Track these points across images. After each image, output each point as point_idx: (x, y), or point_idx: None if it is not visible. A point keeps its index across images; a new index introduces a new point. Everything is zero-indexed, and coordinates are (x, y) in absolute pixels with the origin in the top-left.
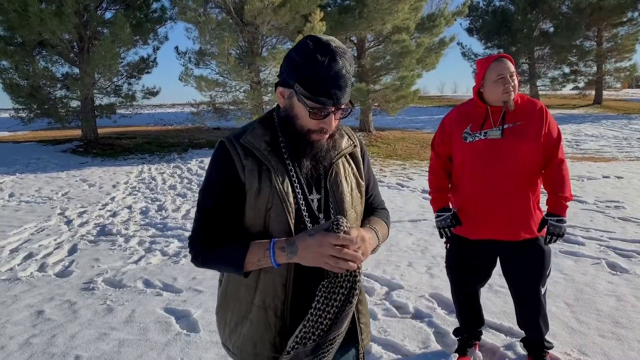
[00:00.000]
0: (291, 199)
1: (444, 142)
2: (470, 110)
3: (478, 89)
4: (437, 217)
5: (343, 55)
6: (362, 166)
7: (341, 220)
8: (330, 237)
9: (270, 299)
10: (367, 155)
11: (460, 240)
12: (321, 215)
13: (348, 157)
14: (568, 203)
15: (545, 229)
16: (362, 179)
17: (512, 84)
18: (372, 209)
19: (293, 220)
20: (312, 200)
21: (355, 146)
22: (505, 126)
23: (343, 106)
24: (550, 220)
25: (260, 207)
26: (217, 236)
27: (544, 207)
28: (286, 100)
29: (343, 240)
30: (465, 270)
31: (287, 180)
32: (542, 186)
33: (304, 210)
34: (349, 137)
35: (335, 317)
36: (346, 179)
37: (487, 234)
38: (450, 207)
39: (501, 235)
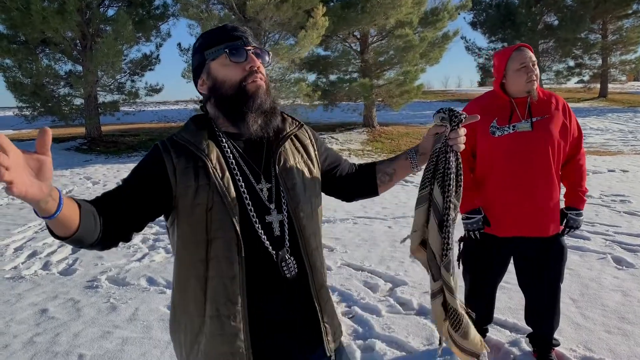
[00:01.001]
0: (233, 194)
1: (467, 137)
2: (491, 104)
3: (500, 81)
4: (465, 219)
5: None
6: (312, 152)
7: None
8: None
9: (223, 306)
10: (319, 138)
11: (483, 238)
12: (272, 206)
13: (297, 143)
14: (585, 197)
15: (562, 223)
16: (313, 166)
17: (535, 72)
18: (358, 167)
19: (238, 220)
20: (262, 190)
21: (300, 126)
22: (534, 119)
23: (255, 45)
24: (570, 214)
25: (200, 209)
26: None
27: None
28: (207, 81)
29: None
30: (486, 268)
31: (227, 174)
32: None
33: (248, 204)
34: (293, 120)
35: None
36: (297, 165)
37: (516, 230)
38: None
39: (531, 232)
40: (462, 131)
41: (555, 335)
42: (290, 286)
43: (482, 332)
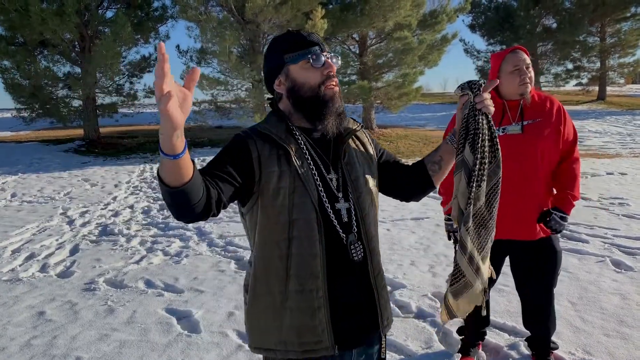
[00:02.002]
0: (311, 180)
1: None
2: None
3: None
4: (447, 220)
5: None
6: (370, 149)
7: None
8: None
9: (307, 281)
10: (375, 139)
11: None
12: (340, 194)
13: (357, 141)
14: (575, 202)
15: (542, 221)
16: (372, 163)
17: (529, 75)
18: (408, 166)
19: (317, 200)
20: (331, 180)
21: (362, 127)
22: (525, 122)
23: (330, 52)
24: (555, 214)
25: (283, 192)
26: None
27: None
28: (286, 81)
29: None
30: None
31: (305, 162)
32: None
33: (321, 191)
34: (354, 121)
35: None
36: (358, 161)
37: (504, 234)
38: None
39: (518, 235)
40: (487, 94)
41: (554, 339)
42: (355, 269)
43: (481, 335)
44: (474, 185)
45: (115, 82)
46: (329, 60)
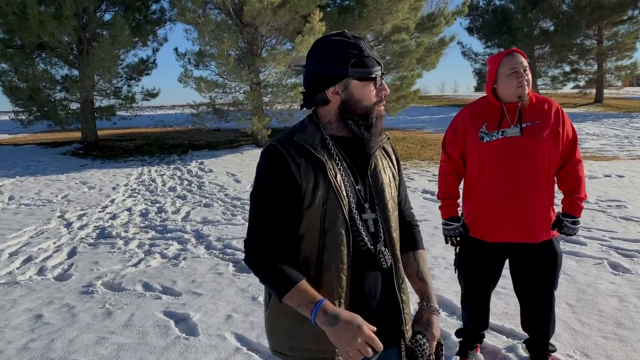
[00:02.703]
0: (343, 192)
1: (457, 143)
2: (483, 109)
3: (492, 86)
4: (445, 225)
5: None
6: (394, 161)
7: (422, 341)
8: (366, 333)
9: (331, 291)
10: (397, 152)
11: (473, 243)
12: (367, 205)
13: (383, 152)
14: (583, 204)
15: (555, 229)
16: (397, 173)
17: (526, 77)
18: (407, 223)
19: (347, 210)
20: (360, 190)
21: (388, 139)
22: (524, 124)
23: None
24: (566, 221)
25: (317, 203)
26: (275, 248)
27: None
28: (342, 93)
29: (370, 338)
30: (479, 272)
31: (339, 175)
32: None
33: (352, 201)
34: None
35: None
36: (384, 170)
37: (505, 236)
38: (460, 214)
39: (519, 238)
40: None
41: (552, 341)
42: (381, 277)
43: (479, 337)
44: None
45: (113, 84)
46: (384, 83)
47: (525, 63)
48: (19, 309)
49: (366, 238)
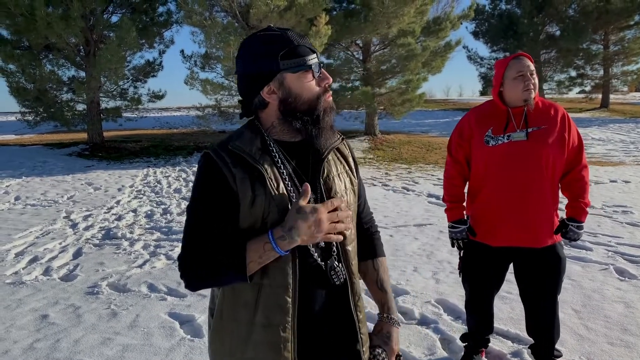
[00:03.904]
0: (287, 204)
1: (462, 146)
2: (489, 113)
3: (498, 90)
4: (451, 227)
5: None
6: (352, 163)
7: (381, 356)
8: (322, 207)
9: (274, 315)
10: (354, 153)
11: (477, 247)
12: None
13: (338, 154)
14: (587, 209)
15: (559, 233)
16: (354, 177)
17: (532, 81)
18: (366, 230)
19: None
20: (310, 201)
21: (343, 139)
22: (530, 129)
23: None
24: (571, 225)
25: (256, 216)
26: (209, 251)
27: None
28: (278, 91)
29: (332, 204)
30: (483, 276)
31: (281, 184)
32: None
33: None
34: (335, 131)
35: None
36: (339, 176)
37: (508, 241)
38: (466, 218)
39: (524, 242)
40: None
41: (558, 347)
42: (334, 296)
43: (484, 342)
44: None
45: (119, 86)
46: (325, 72)
47: (532, 67)
48: (24, 309)
49: (315, 254)
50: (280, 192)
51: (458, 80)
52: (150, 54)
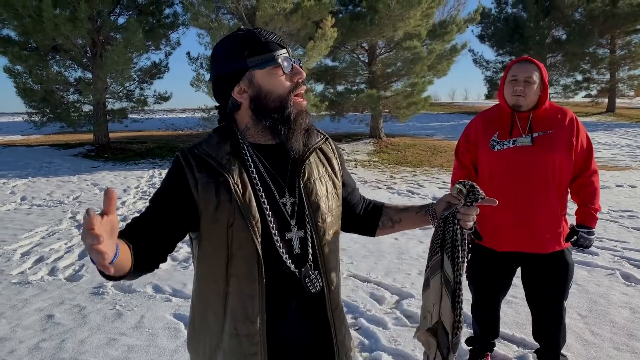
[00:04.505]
0: (255, 212)
1: (469, 151)
2: (496, 117)
3: (502, 92)
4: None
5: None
6: (335, 166)
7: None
8: (85, 220)
9: (242, 325)
10: (342, 154)
11: (484, 252)
12: (293, 222)
13: (321, 156)
14: (597, 215)
15: (570, 240)
16: (337, 179)
17: (521, 87)
18: (366, 206)
19: (259, 238)
20: (285, 204)
21: (326, 139)
22: (536, 134)
23: (294, 57)
24: (582, 232)
25: (221, 225)
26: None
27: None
28: (248, 89)
29: (89, 214)
30: (489, 280)
31: (249, 189)
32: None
33: (270, 221)
34: (318, 132)
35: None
36: (321, 179)
37: (514, 246)
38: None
39: (530, 248)
40: (475, 210)
41: (564, 351)
42: (308, 305)
43: (489, 346)
44: (460, 308)
45: (125, 87)
46: (297, 66)
47: (531, 73)
48: (30, 309)
49: (288, 261)
50: (247, 198)
51: (463, 84)
52: (156, 55)
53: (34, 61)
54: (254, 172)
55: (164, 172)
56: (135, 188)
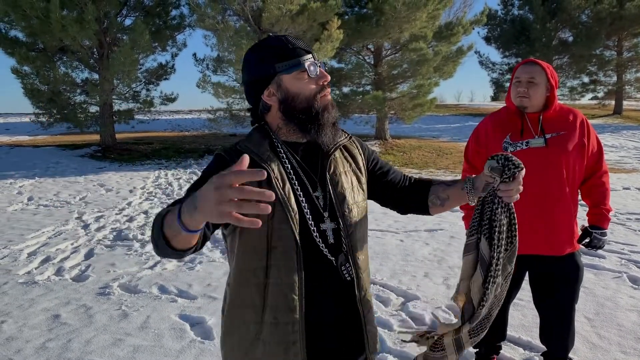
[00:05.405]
0: (293, 204)
1: (480, 153)
2: (506, 118)
3: (509, 94)
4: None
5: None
6: (360, 163)
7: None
8: (225, 177)
9: (282, 314)
10: (368, 148)
11: None
12: (326, 214)
13: (345, 153)
14: (610, 215)
15: (583, 241)
16: (362, 175)
17: (526, 88)
18: (411, 184)
19: (297, 227)
20: (318, 197)
21: (349, 137)
22: (548, 135)
23: (320, 61)
24: (595, 233)
25: (262, 217)
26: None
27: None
28: (277, 93)
29: (243, 175)
30: None
31: (287, 184)
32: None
33: (307, 212)
34: (342, 131)
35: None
36: (346, 173)
37: (529, 249)
38: None
39: (544, 250)
40: (517, 183)
41: (570, 355)
42: (340, 292)
43: (496, 349)
44: (490, 284)
45: (132, 88)
46: (322, 70)
47: (534, 74)
48: (37, 309)
49: (325, 251)
50: (287, 191)
51: (469, 86)
52: (162, 56)
53: (41, 62)
54: (289, 167)
55: (170, 173)
56: (141, 189)
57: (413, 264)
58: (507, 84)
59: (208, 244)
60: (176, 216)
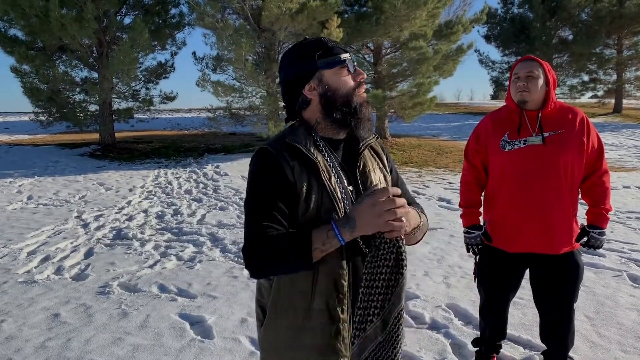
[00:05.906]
0: (338, 194)
1: (479, 152)
2: (505, 117)
3: (509, 92)
4: (466, 233)
5: None
6: (385, 161)
7: (377, 187)
8: (376, 195)
9: (332, 299)
10: (388, 152)
11: (494, 253)
12: None
13: (372, 152)
14: (609, 215)
15: (581, 240)
16: (387, 173)
17: (524, 83)
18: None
19: (342, 214)
20: (352, 192)
21: (377, 138)
22: (546, 134)
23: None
24: (593, 232)
25: (312, 206)
26: (275, 240)
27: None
28: (318, 87)
29: (388, 193)
30: (498, 282)
31: (333, 176)
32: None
33: (346, 203)
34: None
35: (387, 292)
36: (374, 170)
37: (526, 247)
38: (481, 223)
39: (541, 249)
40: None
41: (570, 354)
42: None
43: (496, 347)
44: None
45: (131, 87)
46: (359, 69)
47: (533, 68)
48: (36, 308)
49: (360, 241)
50: (332, 182)
51: (469, 84)
52: (162, 55)
53: (40, 61)
54: (328, 160)
55: (169, 172)
56: (140, 187)
57: (413, 263)
58: (507, 83)
59: (208, 243)
60: (335, 238)
